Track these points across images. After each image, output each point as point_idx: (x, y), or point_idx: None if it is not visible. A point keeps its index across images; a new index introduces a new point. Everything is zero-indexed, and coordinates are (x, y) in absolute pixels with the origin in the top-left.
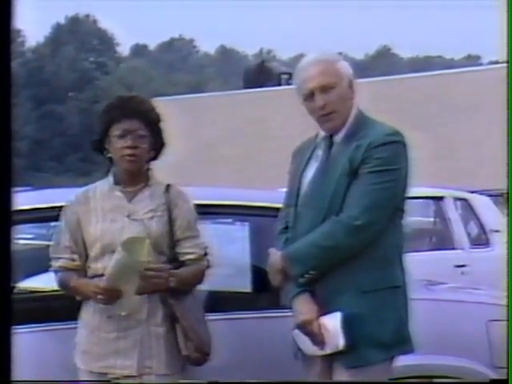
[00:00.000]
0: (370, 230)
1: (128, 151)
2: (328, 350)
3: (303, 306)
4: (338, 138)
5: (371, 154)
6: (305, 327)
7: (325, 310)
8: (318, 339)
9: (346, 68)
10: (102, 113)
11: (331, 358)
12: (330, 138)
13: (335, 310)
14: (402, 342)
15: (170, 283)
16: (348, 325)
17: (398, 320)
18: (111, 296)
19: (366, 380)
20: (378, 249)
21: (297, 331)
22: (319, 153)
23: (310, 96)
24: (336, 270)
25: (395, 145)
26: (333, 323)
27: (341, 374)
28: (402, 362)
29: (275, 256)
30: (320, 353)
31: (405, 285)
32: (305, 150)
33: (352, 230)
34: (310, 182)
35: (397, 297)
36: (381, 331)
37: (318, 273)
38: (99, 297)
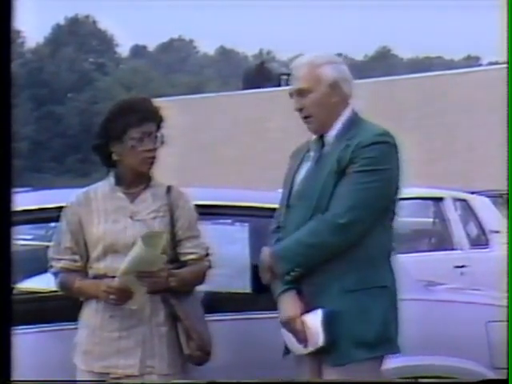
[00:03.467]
0: (355, 228)
1: (150, 154)
2: (310, 348)
3: (287, 304)
4: (329, 138)
5: (359, 154)
6: (288, 324)
7: (309, 308)
8: (300, 337)
9: (328, 72)
10: (116, 116)
11: (319, 357)
12: (321, 138)
13: (319, 308)
14: (386, 342)
15: (170, 283)
16: (329, 322)
17: (383, 320)
18: (123, 296)
19: (354, 379)
20: (365, 248)
21: (283, 329)
22: (311, 154)
23: (291, 97)
24: (321, 268)
25: (384, 145)
26: (313, 320)
27: (328, 373)
28: (401, 362)
29: (265, 254)
30: (304, 351)
31: (392, 285)
32: (300, 152)
33: (336, 228)
34: (301, 181)
35: (382, 297)
36: (363, 330)
37: (303, 270)
38: (111, 297)
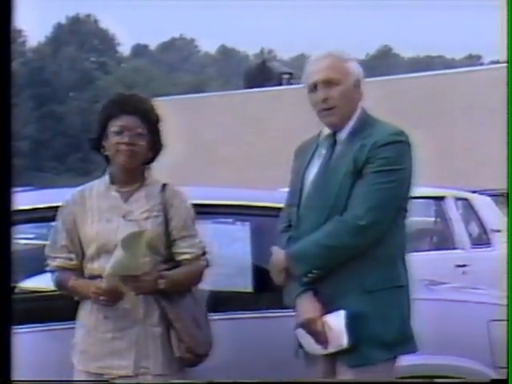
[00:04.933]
0: (374, 229)
1: (123, 147)
2: (331, 349)
3: (307, 305)
4: (342, 136)
5: (376, 154)
6: (308, 326)
7: (328, 309)
8: (321, 338)
9: (355, 68)
10: (101, 109)
11: (334, 358)
12: (333, 136)
13: (339, 309)
14: (405, 342)
15: (159, 285)
16: (352, 323)
17: (402, 319)
18: (113, 297)
19: (369, 379)
20: (382, 248)
21: (300, 330)
22: (322, 151)
23: (313, 88)
24: (340, 270)
25: (400, 144)
26: (336, 322)
27: (344, 374)
28: (404, 361)
29: (278, 255)
30: (323, 352)
31: (408, 284)
32: (307, 148)
33: (356, 230)
34: (314, 181)
35: (400, 296)
36: (384, 330)
37: (321, 272)
38: (101, 298)
